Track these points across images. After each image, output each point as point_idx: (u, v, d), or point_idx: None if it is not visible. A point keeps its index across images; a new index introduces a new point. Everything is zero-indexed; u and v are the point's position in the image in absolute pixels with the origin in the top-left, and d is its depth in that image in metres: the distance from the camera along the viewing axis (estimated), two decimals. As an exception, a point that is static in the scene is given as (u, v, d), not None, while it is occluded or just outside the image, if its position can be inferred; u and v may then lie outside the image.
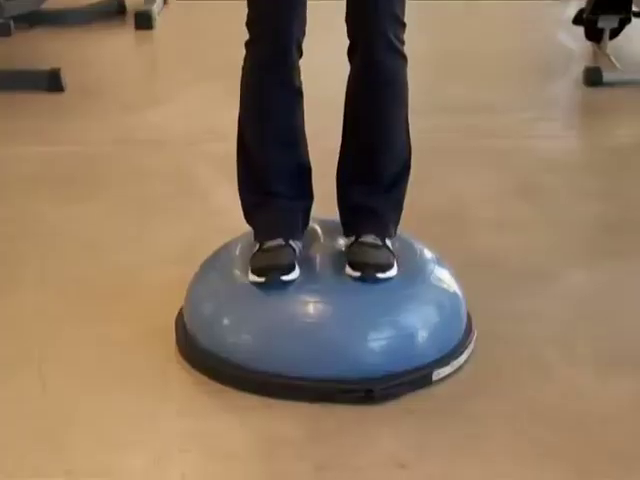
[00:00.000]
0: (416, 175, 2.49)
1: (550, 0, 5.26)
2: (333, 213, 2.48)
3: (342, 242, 2.48)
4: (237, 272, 2.40)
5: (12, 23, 3.95)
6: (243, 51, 2.37)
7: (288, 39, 2.36)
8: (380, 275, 2.35)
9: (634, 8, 4.21)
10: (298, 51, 2.39)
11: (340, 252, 2.46)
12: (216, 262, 2.49)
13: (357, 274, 2.35)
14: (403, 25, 2.38)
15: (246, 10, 2.38)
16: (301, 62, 2.39)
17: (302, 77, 2.41)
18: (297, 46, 2.38)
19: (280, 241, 2.39)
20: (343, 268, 2.38)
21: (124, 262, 2.81)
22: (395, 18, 2.36)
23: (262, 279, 2.34)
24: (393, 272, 2.37)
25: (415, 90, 2.45)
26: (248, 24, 2.39)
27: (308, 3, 2.37)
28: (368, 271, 2.35)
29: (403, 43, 2.39)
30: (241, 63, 2.40)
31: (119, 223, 3.04)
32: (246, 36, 2.37)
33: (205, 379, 2.29)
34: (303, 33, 2.39)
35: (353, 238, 2.43)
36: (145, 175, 3.36)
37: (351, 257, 2.39)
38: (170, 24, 4.84)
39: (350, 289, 2.34)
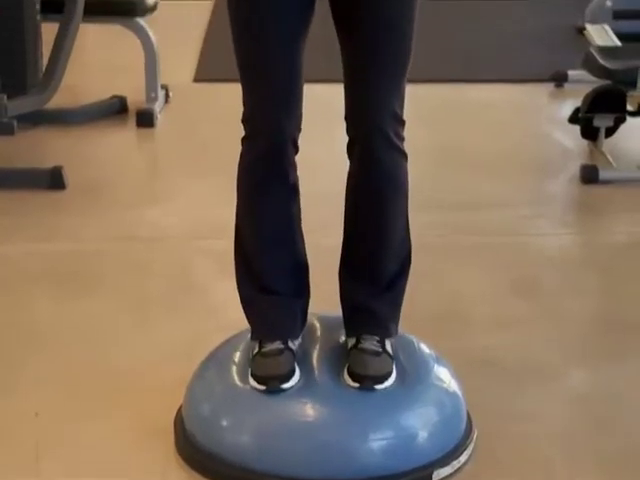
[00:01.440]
0: (413, 271, 2.51)
1: (546, 99, 5.36)
2: (333, 311, 2.49)
3: (342, 339, 2.49)
4: (236, 373, 2.40)
5: (15, 122, 4.01)
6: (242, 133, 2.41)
7: (283, 136, 2.39)
8: (378, 387, 2.37)
9: (629, 107, 4.27)
10: (294, 147, 2.42)
11: (339, 350, 2.47)
12: (215, 361, 2.49)
13: (356, 385, 2.37)
14: (402, 122, 2.41)
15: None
16: (301, 157, 2.42)
17: (303, 172, 2.44)
18: (292, 143, 2.41)
19: (279, 344, 2.40)
20: (342, 368, 2.39)
21: (123, 360, 2.81)
22: (394, 116, 2.39)
23: (263, 387, 2.35)
24: (391, 381, 2.38)
25: (412, 186, 2.47)
26: (243, 121, 2.42)
27: (307, 99, 2.41)
28: (367, 383, 2.36)
29: (403, 140, 2.42)
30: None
31: (118, 321, 3.05)
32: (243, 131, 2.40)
33: (204, 480, 2.28)
34: (299, 129, 2.42)
35: (354, 340, 2.44)
36: (144, 272, 3.38)
37: (351, 366, 2.40)
38: (171, 122, 4.90)
39: (349, 391, 2.33)
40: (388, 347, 2.43)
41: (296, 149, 2.42)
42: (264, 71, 2.37)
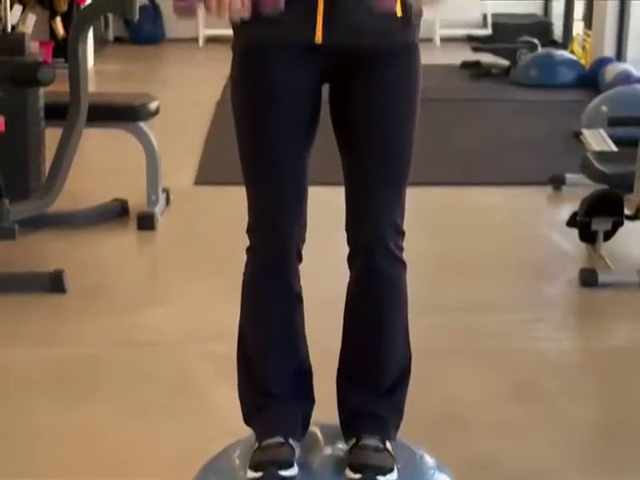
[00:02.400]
0: (413, 375, 2.50)
1: (545, 202, 5.40)
2: (334, 417, 2.48)
3: (342, 447, 2.47)
4: (236, 476, 2.38)
5: (17, 227, 4.04)
6: (244, 248, 2.42)
7: (287, 247, 2.42)
8: (380, 478, 2.33)
9: (626, 211, 4.31)
10: (298, 257, 2.45)
11: (340, 457, 2.45)
12: (214, 467, 2.47)
13: (357, 476, 2.33)
14: (403, 233, 2.43)
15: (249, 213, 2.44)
16: (303, 262, 2.43)
17: (304, 277, 2.45)
18: (297, 253, 2.44)
19: (279, 439, 2.39)
20: (343, 472, 2.36)
21: (122, 466, 2.79)
22: (395, 228, 2.41)
23: (259, 474, 2.32)
24: (394, 476, 2.35)
25: (411, 289, 2.48)
26: (248, 231, 2.45)
27: (309, 202, 2.43)
28: (368, 473, 2.33)
29: (402, 250, 2.44)
30: (241, 261, 2.45)
31: (118, 425, 3.03)
32: (247, 240, 2.42)
33: None
34: (303, 240, 2.45)
35: (354, 441, 2.43)
36: (143, 376, 3.37)
37: (351, 459, 2.37)
38: (172, 225, 4.94)
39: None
40: (389, 446, 2.42)
41: (300, 259, 2.45)
42: (270, 184, 2.40)
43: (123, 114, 4.87)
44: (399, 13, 2.34)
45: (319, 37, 2.31)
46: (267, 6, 2.22)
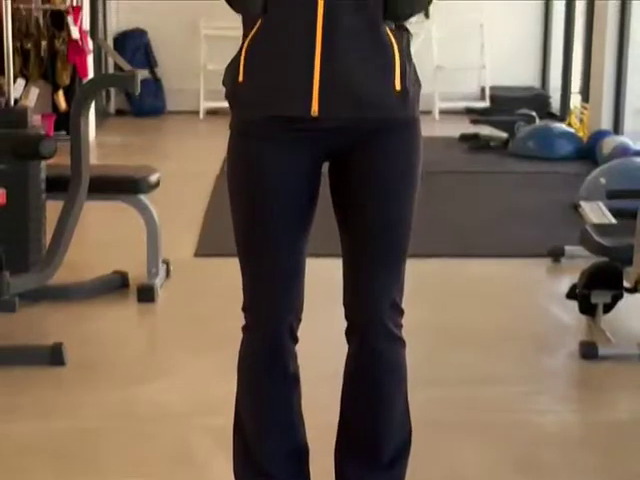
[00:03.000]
0: (413, 449, 2.49)
1: (544, 274, 5.41)
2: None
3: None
4: None
5: (17, 299, 4.04)
6: (243, 321, 2.41)
7: (282, 329, 2.41)
8: None
9: (626, 284, 4.31)
10: (293, 338, 2.43)
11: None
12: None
13: None
14: (402, 312, 2.43)
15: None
16: (301, 333, 2.42)
17: (301, 350, 2.44)
18: (291, 334, 2.42)
19: None
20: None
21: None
22: (394, 305, 2.40)
23: None
24: None
25: (410, 363, 2.48)
26: (244, 310, 2.44)
27: (307, 279, 2.43)
28: None
29: (401, 327, 2.43)
30: (241, 335, 2.44)
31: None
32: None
33: None
34: (298, 320, 2.44)
35: None
36: (143, 450, 3.35)
37: None
38: (172, 297, 4.94)
39: None
40: None
41: (295, 340, 2.44)
42: (264, 268, 2.39)
43: (124, 187, 4.90)
44: (398, 87, 2.34)
45: (315, 110, 2.30)
46: None
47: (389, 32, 2.32)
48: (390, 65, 2.31)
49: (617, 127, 8.26)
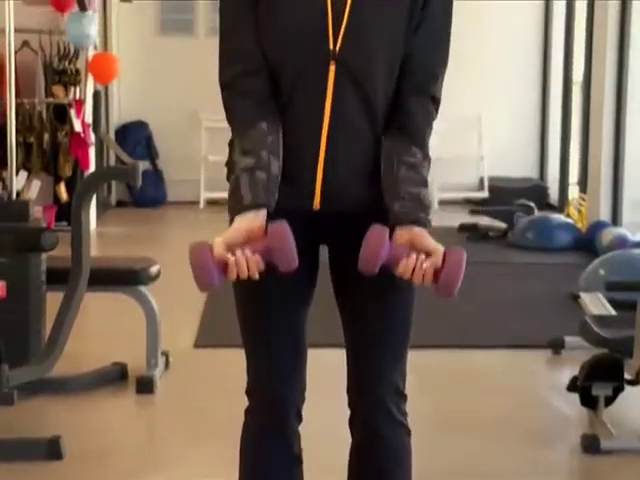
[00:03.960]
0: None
1: (544, 365, 5.40)
2: None
3: None
4: None
5: (15, 392, 4.02)
6: (243, 412, 2.40)
7: (286, 410, 2.41)
8: None
9: (627, 376, 4.30)
10: (297, 418, 2.43)
11: None
12: None
13: None
14: (405, 397, 2.43)
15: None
16: (304, 424, 2.41)
17: (305, 442, 2.43)
18: (296, 414, 2.42)
19: None
20: None
21: None
22: (397, 391, 2.40)
23: None
24: None
25: (414, 454, 2.46)
26: (247, 393, 2.44)
27: (309, 364, 2.43)
28: None
29: (406, 415, 2.43)
30: (241, 425, 2.43)
31: None
32: (246, 402, 2.41)
33: None
34: (302, 400, 2.44)
35: None
36: None
37: None
38: (171, 388, 4.92)
39: None
40: None
41: (300, 419, 2.44)
42: (267, 350, 2.41)
43: (124, 278, 4.91)
44: None
45: (317, 204, 2.34)
46: (282, 265, 2.26)
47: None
48: None
49: (615, 218, 8.31)
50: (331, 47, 2.29)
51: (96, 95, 5.35)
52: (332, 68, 2.29)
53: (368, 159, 2.35)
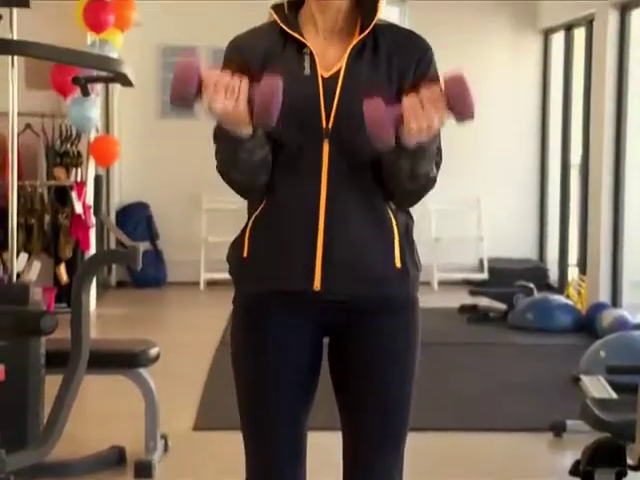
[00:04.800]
0: None
1: (545, 449, 5.35)
2: None
3: None
4: None
5: (12, 478, 3.98)
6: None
7: None
8: None
9: (629, 461, 4.26)
10: None
11: None
12: None
13: None
14: None
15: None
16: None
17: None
18: None
19: None
20: None
21: None
22: None
23: None
24: None
25: None
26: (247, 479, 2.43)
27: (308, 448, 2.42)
28: None
29: None
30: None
31: None
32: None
33: None
34: None
35: None
36: None
37: None
38: (170, 472, 4.88)
39: None
40: None
41: None
42: (265, 447, 2.40)
43: (123, 361, 4.90)
44: (398, 264, 2.39)
45: (317, 285, 2.35)
46: (259, 117, 2.26)
47: (389, 211, 2.39)
48: (391, 243, 2.38)
49: (615, 299, 8.30)
50: (324, 125, 2.35)
51: (97, 178, 5.39)
52: (326, 144, 2.34)
53: (368, 232, 2.36)
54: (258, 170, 2.35)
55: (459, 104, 2.23)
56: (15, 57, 4.74)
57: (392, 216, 2.39)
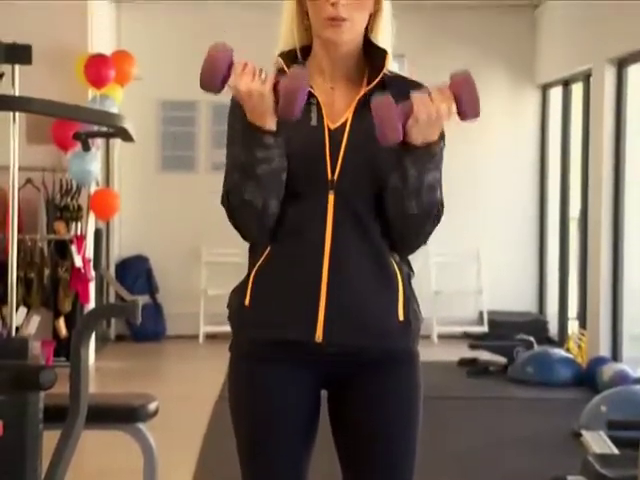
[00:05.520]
0: None
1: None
2: None
3: None
4: None
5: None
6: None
7: None
8: None
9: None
10: None
11: None
12: None
13: None
14: None
15: None
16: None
17: None
18: None
19: None
20: None
21: None
22: None
23: None
24: None
25: None
26: None
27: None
28: None
29: None
30: None
31: None
32: None
33: None
34: None
35: None
36: None
37: None
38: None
39: None
40: None
41: None
42: None
43: (122, 416, 4.87)
44: (401, 317, 2.38)
45: (319, 336, 2.34)
46: (284, 109, 2.27)
47: (394, 263, 2.39)
48: (394, 295, 2.38)
49: (616, 353, 8.28)
50: (329, 177, 2.36)
51: (97, 232, 5.40)
52: (331, 195, 2.35)
53: (372, 285, 2.36)
54: (272, 184, 2.34)
55: (465, 102, 2.26)
56: (17, 113, 4.76)
57: (396, 268, 2.40)
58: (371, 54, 2.46)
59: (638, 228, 8.35)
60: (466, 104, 2.27)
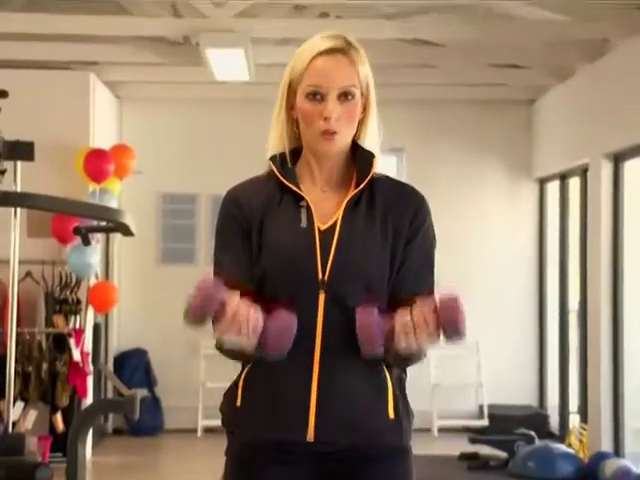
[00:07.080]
0: None
1: None
2: None
3: None
4: None
5: None
6: None
7: None
8: None
9: None
10: None
11: None
12: None
13: None
14: None
15: None
16: None
17: None
18: None
19: None
20: None
21: None
22: None
23: None
24: None
25: None
26: None
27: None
28: None
29: None
30: None
31: None
32: None
33: None
34: None
35: None
36: None
37: None
38: None
39: None
40: None
41: None
42: None
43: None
44: (391, 415, 2.40)
45: (311, 436, 2.35)
46: (272, 348, 2.28)
47: (384, 366, 2.41)
48: (384, 395, 2.41)
49: (617, 448, 8.22)
50: (320, 277, 2.39)
51: (96, 327, 5.41)
52: (322, 296, 2.37)
53: (362, 384, 2.39)
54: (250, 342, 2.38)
55: (450, 327, 2.31)
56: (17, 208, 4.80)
57: (385, 368, 2.42)
58: (359, 157, 2.50)
59: (637, 321, 8.35)
60: (452, 331, 2.31)
